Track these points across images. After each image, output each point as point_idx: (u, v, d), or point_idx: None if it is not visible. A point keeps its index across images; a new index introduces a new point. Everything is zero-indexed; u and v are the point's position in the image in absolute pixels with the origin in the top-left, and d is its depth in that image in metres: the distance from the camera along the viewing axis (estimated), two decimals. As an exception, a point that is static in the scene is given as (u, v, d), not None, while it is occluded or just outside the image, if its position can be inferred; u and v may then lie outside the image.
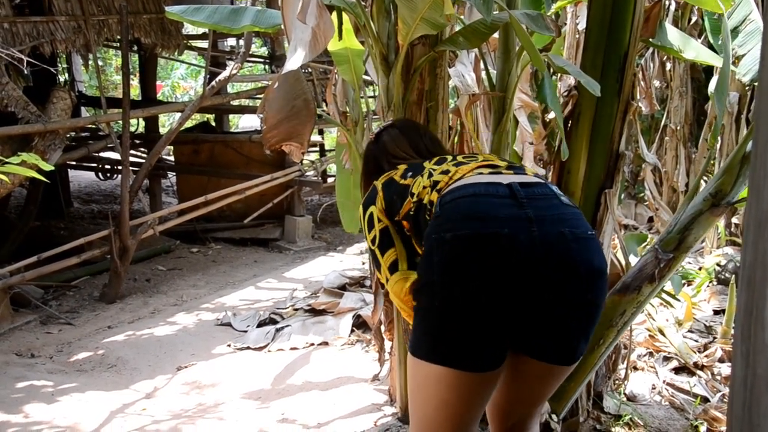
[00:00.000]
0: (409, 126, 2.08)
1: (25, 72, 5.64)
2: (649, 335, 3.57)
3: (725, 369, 3.28)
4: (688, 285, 4.60)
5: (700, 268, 4.97)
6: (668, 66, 6.15)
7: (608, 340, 2.48)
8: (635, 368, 3.13)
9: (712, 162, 5.98)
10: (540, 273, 1.34)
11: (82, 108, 9.26)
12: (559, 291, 1.37)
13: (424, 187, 1.56)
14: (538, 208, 1.39)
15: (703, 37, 5.05)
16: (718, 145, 5.64)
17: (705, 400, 3.01)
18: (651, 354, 3.46)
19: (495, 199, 1.40)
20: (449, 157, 1.69)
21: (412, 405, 1.55)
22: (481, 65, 2.90)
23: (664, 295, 3.12)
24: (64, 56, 8.35)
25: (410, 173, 1.67)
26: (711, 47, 3.39)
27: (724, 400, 2.98)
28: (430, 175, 1.59)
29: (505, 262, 1.33)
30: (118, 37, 5.44)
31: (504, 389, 1.57)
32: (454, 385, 1.41)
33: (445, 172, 1.56)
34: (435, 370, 1.41)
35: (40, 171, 3.30)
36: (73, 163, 8.47)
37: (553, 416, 2.51)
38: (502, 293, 1.34)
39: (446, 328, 1.39)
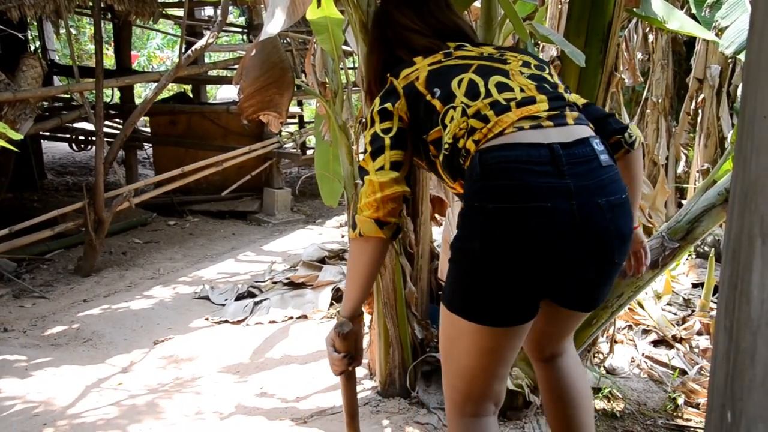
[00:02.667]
0: None
1: (-7, 39, 5.47)
2: (629, 308, 3.59)
3: (703, 342, 3.31)
4: (666, 258, 4.63)
5: (677, 242, 5.00)
6: (650, 38, 6.13)
7: (601, 321, 2.48)
8: (615, 341, 3.14)
9: (691, 135, 6.00)
10: (577, 245, 1.39)
11: (55, 77, 9.04)
12: (592, 259, 1.43)
13: (460, 129, 1.46)
14: (578, 176, 1.38)
15: (685, 8, 5.02)
16: (699, 119, 5.65)
17: (683, 372, 3.04)
18: (630, 327, 3.48)
19: (537, 166, 1.37)
20: (481, 85, 1.50)
21: (445, 355, 1.59)
22: (463, 35, 2.84)
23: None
24: (35, 23, 8.12)
25: (437, 91, 1.53)
26: (694, 18, 3.36)
27: (702, 372, 3.01)
28: (464, 113, 1.46)
29: (546, 236, 1.36)
30: (91, 3, 5.28)
31: (534, 329, 1.63)
32: (487, 339, 1.46)
33: (483, 119, 1.44)
34: (469, 325, 1.46)
35: (10, 141, 3.21)
36: (47, 133, 8.31)
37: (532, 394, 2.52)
38: (541, 264, 1.38)
39: (483, 291, 1.42)
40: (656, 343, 3.36)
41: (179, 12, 7.74)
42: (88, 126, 7.24)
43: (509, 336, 1.47)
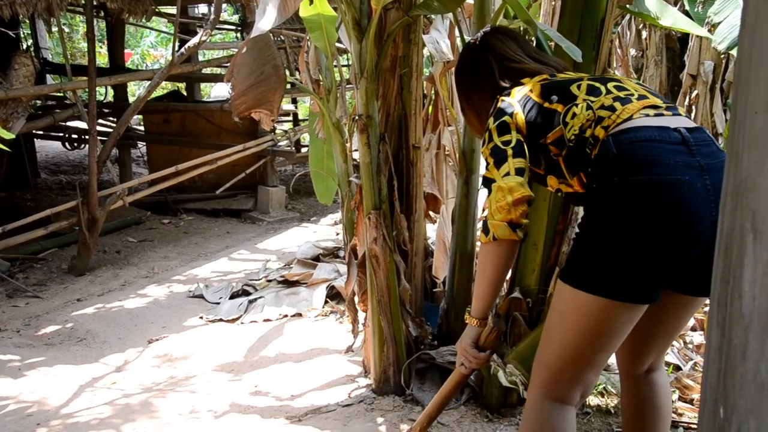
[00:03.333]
0: (514, 32, 2.00)
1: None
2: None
3: (697, 338, 3.32)
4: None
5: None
6: (644, 34, 6.14)
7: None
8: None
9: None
10: (712, 218, 1.43)
11: (48, 76, 8.99)
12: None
13: (587, 120, 1.56)
14: (705, 156, 1.46)
15: (678, 5, 5.02)
16: (693, 115, 5.66)
17: (677, 368, 3.04)
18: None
19: (670, 145, 1.46)
20: (600, 87, 1.63)
21: (551, 334, 1.61)
22: (456, 32, 2.84)
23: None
24: (27, 21, 8.08)
25: (555, 97, 1.64)
26: (688, 14, 3.36)
27: (696, 368, 3.02)
28: (589, 107, 1.57)
29: (687, 208, 1.41)
30: (83, 1, 5.25)
31: (641, 335, 1.67)
32: (607, 315, 1.49)
33: (609, 108, 1.55)
34: (595, 301, 1.48)
35: (2, 140, 3.19)
36: (40, 132, 8.27)
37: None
38: (682, 237, 1.42)
39: (628, 265, 1.46)
40: (650, 339, 3.36)
41: (172, 10, 7.71)
42: (82, 124, 7.22)
43: (629, 315, 1.50)
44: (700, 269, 1.49)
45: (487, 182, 1.66)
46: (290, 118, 9.99)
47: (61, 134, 8.44)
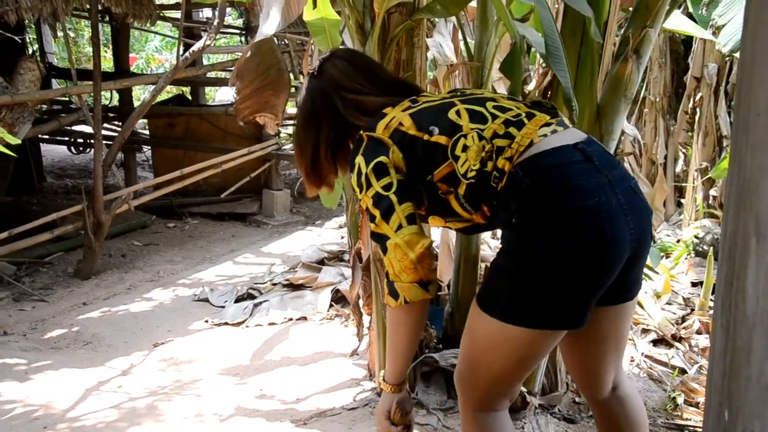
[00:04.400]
0: (357, 56, 1.81)
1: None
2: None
3: (703, 341, 3.31)
4: (667, 257, 4.63)
5: (678, 241, 5.00)
6: (648, 38, 6.12)
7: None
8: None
9: (690, 134, 5.99)
10: (631, 233, 1.43)
11: (53, 80, 9.04)
12: (640, 243, 1.48)
13: (486, 152, 1.45)
14: (608, 168, 1.44)
15: (683, 7, 5.02)
16: (697, 117, 5.65)
17: (683, 371, 3.03)
18: (630, 327, 3.47)
19: (577, 166, 1.42)
20: (481, 110, 1.52)
21: (472, 359, 1.56)
22: (459, 35, 2.85)
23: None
24: (32, 26, 8.12)
25: (435, 129, 1.50)
26: (691, 17, 3.36)
27: (702, 371, 3.01)
28: (481, 137, 1.46)
29: (610, 229, 1.39)
30: (89, 6, 5.28)
31: (592, 349, 1.65)
32: (535, 344, 1.47)
33: (506, 136, 1.46)
34: (520, 332, 1.44)
35: (7, 145, 3.21)
36: (46, 136, 8.31)
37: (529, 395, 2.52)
38: (610, 259, 1.41)
39: (559, 294, 1.41)
40: (656, 343, 3.36)
41: (177, 14, 7.74)
42: (87, 129, 7.24)
43: (559, 337, 1.50)
44: (624, 278, 1.49)
45: (379, 238, 1.51)
46: (295, 121, 10.01)
47: (67, 138, 8.47)
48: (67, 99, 7.57)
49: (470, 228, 1.62)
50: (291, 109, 9.53)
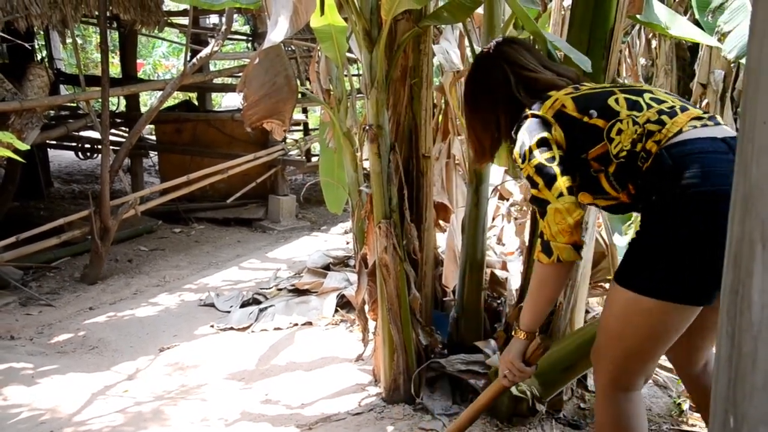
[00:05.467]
0: (527, 43, 2.02)
1: (1, 48, 5.51)
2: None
3: (707, 347, 3.30)
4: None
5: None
6: (654, 43, 6.13)
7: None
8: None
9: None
10: None
11: (62, 86, 9.09)
12: None
13: (638, 134, 1.60)
14: None
15: (689, 14, 5.02)
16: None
17: (687, 377, 3.02)
18: None
19: (721, 155, 1.51)
20: (639, 100, 1.66)
21: (613, 335, 1.67)
22: (466, 42, 2.86)
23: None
24: (41, 33, 8.17)
25: (594, 113, 1.66)
26: (698, 24, 3.36)
27: (707, 377, 2.99)
28: (635, 122, 1.61)
29: None
30: (97, 13, 5.32)
31: (701, 326, 1.71)
32: (672, 318, 1.57)
33: (658, 122, 1.59)
34: (662, 306, 1.54)
35: (16, 151, 3.23)
36: (53, 142, 8.34)
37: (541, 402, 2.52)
38: None
39: (692, 271, 1.51)
40: (662, 349, 3.34)
41: (184, 20, 7.79)
42: (94, 134, 7.29)
43: (691, 314, 1.58)
44: None
45: (540, 203, 1.67)
46: (301, 127, 10.02)
47: (74, 144, 8.52)
48: (75, 105, 7.62)
49: (616, 207, 1.75)
50: (298, 115, 9.56)
